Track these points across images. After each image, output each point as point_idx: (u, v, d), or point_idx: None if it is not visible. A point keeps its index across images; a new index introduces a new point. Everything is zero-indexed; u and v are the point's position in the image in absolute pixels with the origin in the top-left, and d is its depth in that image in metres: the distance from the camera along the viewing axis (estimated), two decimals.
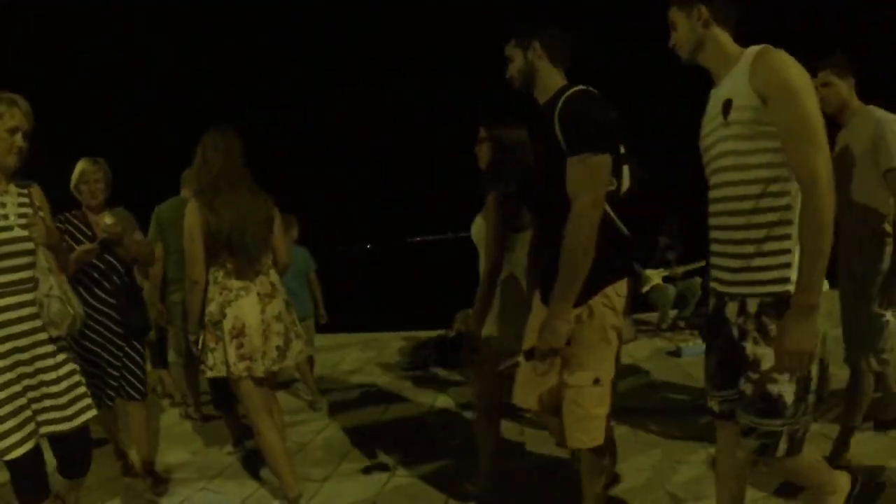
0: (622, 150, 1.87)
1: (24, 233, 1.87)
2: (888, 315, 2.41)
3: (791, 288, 1.46)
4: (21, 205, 1.93)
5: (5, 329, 1.80)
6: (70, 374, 1.95)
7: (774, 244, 1.50)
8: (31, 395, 1.84)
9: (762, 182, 1.49)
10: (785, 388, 1.50)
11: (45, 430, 1.87)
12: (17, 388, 1.80)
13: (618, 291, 1.80)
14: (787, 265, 1.49)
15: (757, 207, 1.50)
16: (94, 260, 2.69)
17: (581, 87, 1.78)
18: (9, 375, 1.78)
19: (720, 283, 1.64)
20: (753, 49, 1.53)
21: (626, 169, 1.90)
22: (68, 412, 1.90)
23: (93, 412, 1.99)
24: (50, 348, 1.91)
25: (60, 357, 1.93)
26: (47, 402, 1.87)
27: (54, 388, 1.89)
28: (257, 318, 2.38)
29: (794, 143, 1.41)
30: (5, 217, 1.87)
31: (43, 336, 1.89)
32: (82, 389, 1.98)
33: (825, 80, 2.43)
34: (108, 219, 2.65)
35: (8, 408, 1.76)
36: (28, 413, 1.82)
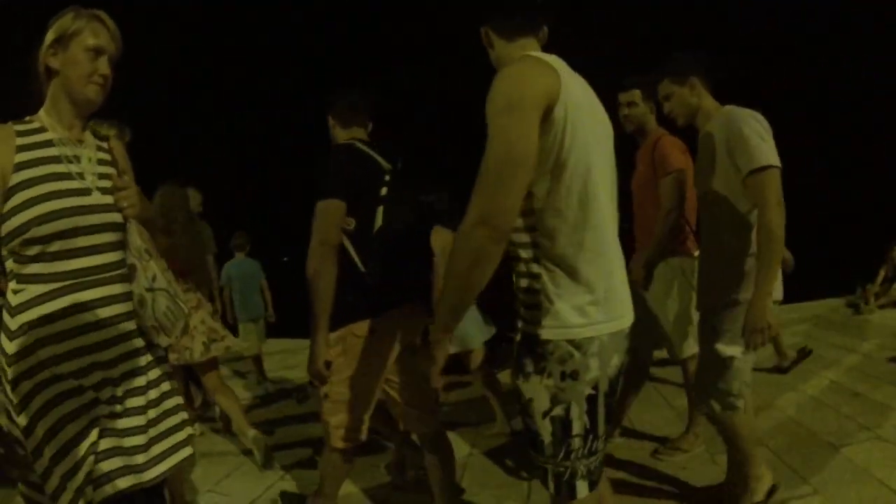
0: (383, 192, 1.97)
1: (108, 199, 1.35)
2: (736, 352, 1.98)
3: (541, 332, 1.30)
4: (101, 162, 1.39)
5: (84, 337, 1.28)
6: (167, 395, 1.46)
7: (528, 281, 1.35)
8: (103, 424, 1.35)
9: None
10: (540, 426, 1.35)
11: (121, 482, 1.33)
12: (83, 421, 1.31)
13: (355, 332, 1.88)
14: (538, 306, 1.32)
15: (514, 241, 1.35)
16: None
17: (346, 142, 1.99)
18: (81, 400, 1.31)
19: None
20: None
21: (380, 210, 1.95)
22: (158, 450, 1.41)
23: (188, 451, 1.49)
24: (143, 361, 1.40)
25: (156, 373, 1.44)
26: (128, 442, 1.35)
27: (139, 420, 1.37)
28: None
29: (479, 177, 1.23)
30: (80, 176, 1.32)
31: (137, 344, 1.39)
32: (182, 416, 1.48)
33: (665, 91, 2.15)
34: None
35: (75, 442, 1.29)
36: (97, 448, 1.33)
